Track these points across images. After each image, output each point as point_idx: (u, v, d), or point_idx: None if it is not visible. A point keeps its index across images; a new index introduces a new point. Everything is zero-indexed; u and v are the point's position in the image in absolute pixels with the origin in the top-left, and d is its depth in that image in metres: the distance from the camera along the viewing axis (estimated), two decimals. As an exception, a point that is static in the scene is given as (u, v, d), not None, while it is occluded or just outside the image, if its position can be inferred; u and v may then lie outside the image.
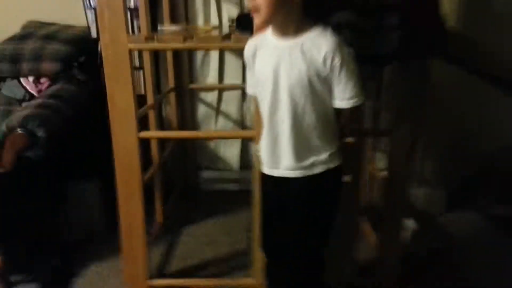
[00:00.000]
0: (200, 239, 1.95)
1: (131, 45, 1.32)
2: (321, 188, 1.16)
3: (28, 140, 1.54)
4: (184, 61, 2.21)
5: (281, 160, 1.13)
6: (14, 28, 2.13)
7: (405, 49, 1.10)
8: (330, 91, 1.07)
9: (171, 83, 2.16)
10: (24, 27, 2.16)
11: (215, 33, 1.72)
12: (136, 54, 1.92)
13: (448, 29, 1.17)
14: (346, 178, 1.43)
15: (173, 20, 2.06)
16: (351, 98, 1.06)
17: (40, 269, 1.68)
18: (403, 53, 1.11)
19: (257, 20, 1.03)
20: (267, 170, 1.19)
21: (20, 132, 1.53)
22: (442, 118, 2.09)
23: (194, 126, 2.32)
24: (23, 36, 2.04)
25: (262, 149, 1.18)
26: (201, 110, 2.32)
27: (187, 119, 2.28)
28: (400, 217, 1.57)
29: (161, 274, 1.68)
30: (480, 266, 1.74)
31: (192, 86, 2.25)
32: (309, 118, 1.08)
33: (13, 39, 2.04)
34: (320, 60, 1.02)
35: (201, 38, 1.43)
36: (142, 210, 1.48)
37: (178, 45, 1.38)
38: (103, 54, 1.35)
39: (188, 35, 1.42)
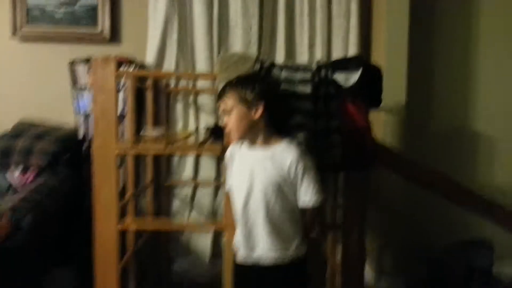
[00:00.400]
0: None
1: (119, 150, 1.53)
2: (292, 275, 1.33)
3: (11, 230, 1.64)
4: (163, 158, 2.41)
5: (257, 246, 1.31)
6: (6, 125, 2.32)
7: (345, 163, 1.36)
8: (295, 192, 1.29)
9: (149, 177, 2.34)
10: (16, 126, 2.34)
11: (192, 138, 1.96)
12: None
13: (379, 146, 1.45)
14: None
15: (156, 123, 2.31)
16: (312, 198, 1.28)
17: None
18: (345, 165, 1.37)
19: (232, 137, 1.30)
20: (242, 259, 1.34)
21: (3, 222, 1.64)
22: (398, 218, 2.32)
23: (169, 216, 2.45)
24: (15, 134, 2.23)
25: (238, 239, 1.35)
26: (176, 203, 2.47)
27: (163, 210, 2.42)
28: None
29: None
30: None
31: (168, 183, 2.43)
32: (279, 212, 1.28)
33: (5, 136, 2.22)
34: (286, 167, 1.26)
35: (179, 146, 1.66)
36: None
37: (160, 150, 1.60)
38: (94, 155, 1.54)
39: (168, 139, 1.65)
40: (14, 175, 2.12)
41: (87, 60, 2.23)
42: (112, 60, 1.47)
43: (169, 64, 2.36)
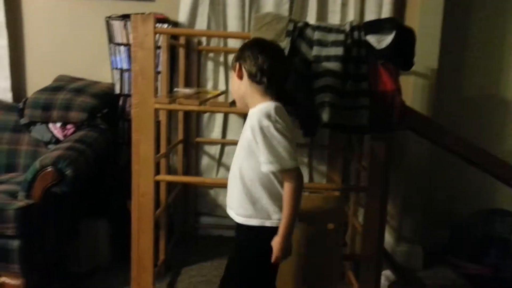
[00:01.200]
0: (198, 279, 2.12)
1: (157, 105, 1.61)
2: (251, 239, 1.31)
3: (57, 177, 1.78)
4: (193, 118, 2.50)
5: (231, 205, 1.35)
6: (47, 81, 2.45)
7: (372, 125, 1.39)
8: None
9: (180, 136, 2.45)
10: (56, 80, 2.47)
11: (222, 98, 2.03)
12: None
13: (407, 109, 1.47)
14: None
15: (187, 84, 2.39)
16: (266, 163, 1.21)
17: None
18: (372, 128, 1.41)
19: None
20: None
21: (50, 169, 1.78)
22: (419, 181, 2.36)
23: (197, 175, 2.57)
24: (55, 88, 2.34)
25: None
26: (205, 161, 2.58)
27: (192, 168, 2.54)
28: (377, 267, 1.78)
29: (162, 307, 1.85)
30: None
31: (198, 139, 2.53)
32: (248, 175, 1.28)
33: (46, 89, 2.33)
34: (251, 131, 1.25)
35: (212, 103, 1.73)
36: (152, 246, 1.69)
37: (194, 107, 1.67)
38: (133, 111, 1.63)
39: (200, 97, 1.72)
40: (56, 127, 2.25)
41: (123, 17, 2.30)
42: (151, 17, 1.52)
43: (201, 23, 2.40)
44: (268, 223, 1.29)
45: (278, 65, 1.28)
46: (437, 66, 2.21)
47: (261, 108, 1.26)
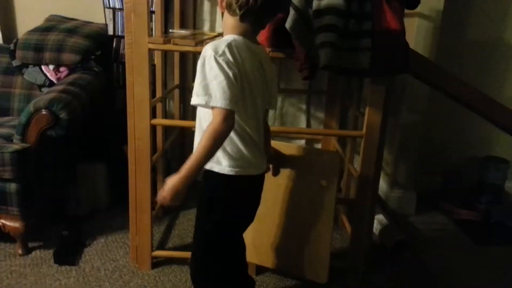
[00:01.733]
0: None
1: (151, 45, 1.55)
2: (209, 184, 1.21)
3: (52, 120, 1.75)
4: (189, 62, 2.44)
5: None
6: (37, 21, 2.35)
7: (374, 68, 1.35)
8: None
9: (176, 80, 2.39)
10: (47, 20, 2.37)
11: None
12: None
13: (410, 51, 1.42)
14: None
15: (182, 25, 2.30)
16: (194, 95, 1.10)
17: (51, 238, 1.88)
18: (373, 71, 1.36)
19: None
20: None
21: (44, 112, 1.75)
22: (415, 128, 2.35)
23: (194, 120, 2.55)
24: (47, 28, 2.25)
25: None
26: (201, 106, 2.55)
27: (188, 114, 2.51)
28: (370, 211, 1.81)
29: (161, 249, 1.89)
30: (441, 260, 1.99)
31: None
32: (203, 113, 1.18)
33: (37, 30, 2.25)
34: None
35: (209, 42, 1.66)
36: (149, 189, 1.70)
37: (190, 48, 1.61)
38: (126, 51, 1.57)
39: (196, 39, 1.65)
40: (49, 70, 2.20)
41: (115, -48, 2.18)
42: None
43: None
44: (216, 169, 1.18)
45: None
46: (442, 7, 2.13)
47: (219, 39, 1.15)
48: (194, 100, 1.10)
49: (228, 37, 1.15)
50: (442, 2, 2.12)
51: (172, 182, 1.11)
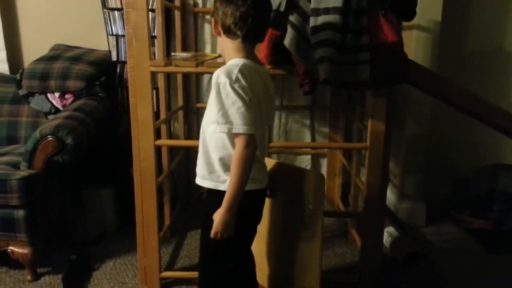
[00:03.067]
0: (203, 241, 2.16)
1: (153, 68, 1.58)
2: (213, 204, 1.20)
3: (58, 146, 1.78)
4: (192, 83, 2.47)
5: (198, 166, 1.27)
6: (43, 50, 2.40)
7: (374, 80, 1.36)
8: None
9: (180, 102, 2.42)
10: (52, 49, 2.43)
11: (221, 60, 1.99)
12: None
13: (409, 62, 1.43)
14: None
15: (184, 48, 2.34)
16: (214, 123, 1.12)
17: (60, 263, 1.88)
18: (373, 83, 1.37)
19: None
20: None
21: (50, 138, 1.77)
22: (422, 138, 2.35)
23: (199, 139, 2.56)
24: (52, 57, 2.31)
25: None
26: (206, 127, 2.57)
27: (193, 134, 2.53)
28: (379, 224, 1.79)
29: (170, 270, 1.88)
30: (454, 270, 1.96)
31: (198, 105, 2.51)
32: (208, 135, 1.20)
33: (43, 59, 2.30)
34: (212, 86, 1.15)
35: (210, 63, 1.69)
36: (156, 210, 1.70)
37: (191, 69, 1.64)
38: (129, 75, 1.60)
39: (197, 60, 1.68)
40: (55, 97, 2.23)
41: (116, -19, 2.24)
42: (142, -24, 1.47)
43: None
44: (222, 187, 1.19)
45: (253, 14, 1.13)
46: (440, 18, 2.15)
47: (227, 64, 1.16)
48: (216, 129, 1.13)
49: (237, 61, 1.16)
50: (440, 13, 2.14)
51: (219, 216, 1.16)
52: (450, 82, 1.69)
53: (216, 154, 1.20)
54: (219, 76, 1.12)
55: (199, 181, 1.27)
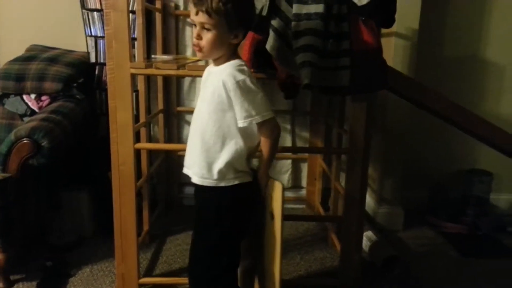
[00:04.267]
0: (183, 247, 2.12)
1: (133, 70, 1.56)
2: (213, 201, 1.26)
3: (33, 148, 1.73)
4: (173, 87, 2.45)
5: (192, 165, 1.29)
6: (19, 51, 2.34)
7: (354, 86, 1.38)
8: (232, 112, 1.21)
9: (160, 105, 2.40)
10: (28, 49, 2.37)
11: (202, 63, 1.98)
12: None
13: (388, 69, 1.46)
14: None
15: (165, 51, 2.33)
16: (246, 117, 1.19)
17: (35, 269, 1.83)
18: (353, 88, 1.39)
19: (200, 54, 1.22)
20: (185, 168, 1.35)
21: (26, 141, 1.73)
22: (399, 144, 2.39)
23: (180, 143, 2.54)
24: (28, 57, 2.25)
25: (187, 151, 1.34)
26: (186, 130, 2.55)
27: (173, 138, 2.51)
28: (359, 228, 1.80)
29: (149, 276, 1.85)
30: (431, 273, 1.99)
31: (179, 109, 2.49)
32: (210, 133, 1.23)
33: (18, 60, 2.24)
34: (221, 85, 1.19)
35: (191, 66, 1.68)
36: (134, 215, 1.67)
37: (172, 71, 1.62)
38: (108, 77, 1.57)
39: (179, 63, 1.67)
40: (31, 99, 2.18)
41: (95, -19, 2.21)
42: (123, -24, 1.45)
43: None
44: (223, 183, 1.25)
45: (253, 17, 1.24)
46: (418, 26, 2.20)
47: (232, 64, 1.21)
48: (250, 121, 1.20)
49: (238, 62, 1.23)
50: (418, 20, 2.19)
51: (266, 177, 1.32)
52: (427, 89, 1.73)
53: (222, 149, 1.23)
54: (236, 75, 1.18)
55: (198, 180, 1.28)
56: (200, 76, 2.15)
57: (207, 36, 1.17)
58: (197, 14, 1.16)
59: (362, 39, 1.35)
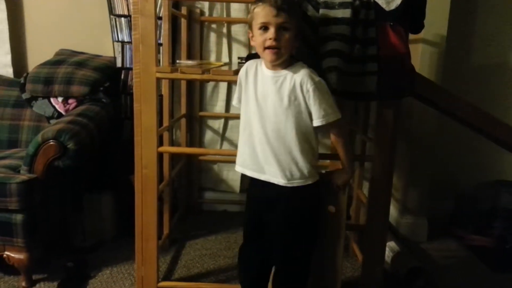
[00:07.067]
0: (202, 252, 2.13)
1: (158, 74, 1.58)
2: (302, 202, 1.33)
3: (59, 150, 1.76)
4: (196, 91, 2.47)
5: (267, 168, 1.31)
6: (48, 55, 2.40)
7: (381, 91, 1.36)
8: (307, 112, 1.28)
9: (183, 110, 2.42)
10: (57, 54, 2.43)
11: (226, 68, 2.00)
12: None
13: (416, 75, 1.43)
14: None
15: (189, 57, 2.35)
16: (324, 116, 1.26)
17: (56, 269, 1.85)
18: (380, 94, 1.37)
19: (275, 56, 1.24)
20: (250, 172, 1.36)
21: (52, 142, 1.76)
22: (425, 153, 2.33)
23: (201, 147, 2.56)
24: (56, 61, 2.31)
25: (244, 155, 1.36)
26: (208, 135, 2.56)
27: (195, 143, 2.52)
28: (382, 238, 1.76)
29: (167, 280, 1.85)
30: (456, 286, 1.93)
31: (202, 113, 2.50)
32: (290, 134, 1.27)
33: (47, 64, 2.30)
34: (298, 86, 1.25)
35: (215, 71, 1.69)
36: (156, 218, 1.67)
37: (197, 76, 1.63)
38: (134, 81, 1.59)
39: (203, 68, 1.68)
40: (58, 102, 2.23)
41: (124, -13, 2.25)
42: (151, -18, 1.47)
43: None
44: (309, 181, 1.32)
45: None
46: (446, 33, 2.16)
47: (302, 66, 1.28)
48: (328, 119, 1.27)
49: (304, 64, 1.30)
50: (446, 27, 2.15)
51: (345, 181, 1.42)
52: (454, 96, 1.68)
53: (303, 149, 1.29)
54: (312, 77, 1.26)
55: (285, 183, 1.30)
56: (224, 80, 2.17)
57: (286, 36, 1.22)
58: (277, 15, 1.20)
59: (389, 44, 1.33)
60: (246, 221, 1.47)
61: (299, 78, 1.25)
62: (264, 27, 1.22)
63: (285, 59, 1.27)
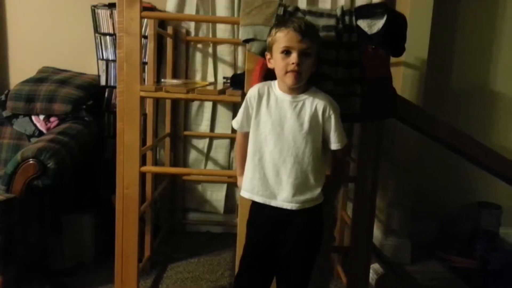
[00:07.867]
0: (184, 275, 2.07)
1: (143, 93, 1.57)
2: (313, 221, 1.35)
3: (39, 169, 1.72)
4: (181, 111, 2.46)
5: (279, 193, 1.30)
6: (30, 72, 2.37)
7: (364, 113, 1.38)
8: (322, 136, 1.31)
9: (167, 129, 2.40)
10: (40, 71, 2.40)
11: (211, 87, 2.00)
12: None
13: (398, 97, 1.46)
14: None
15: (175, 76, 2.35)
16: (341, 141, 1.32)
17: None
18: (363, 115, 1.39)
19: (296, 80, 1.24)
20: (259, 199, 1.33)
21: (32, 161, 1.72)
22: (408, 174, 2.35)
23: (186, 167, 2.53)
24: (39, 79, 2.27)
25: (254, 180, 1.32)
26: (193, 155, 2.54)
27: (179, 163, 2.49)
28: (366, 259, 1.75)
29: (147, 303, 1.81)
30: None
31: (186, 133, 2.49)
32: (308, 158, 1.28)
33: (30, 81, 2.26)
34: (320, 112, 1.27)
35: (200, 90, 1.69)
36: (137, 239, 1.64)
37: (181, 95, 1.63)
38: (118, 99, 1.58)
39: (188, 87, 1.68)
40: (39, 120, 2.19)
41: (109, 5, 2.25)
42: (137, 1, 1.48)
43: (189, 12, 2.37)
44: (318, 201, 1.34)
45: None
46: (427, 56, 2.21)
47: (317, 90, 1.31)
48: (343, 144, 1.33)
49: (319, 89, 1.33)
50: (426, 51, 2.21)
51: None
52: (436, 118, 1.71)
53: (316, 171, 1.31)
54: (333, 102, 1.30)
55: (297, 207, 1.31)
56: (209, 100, 2.16)
57: (307, 62, 1.24)
58: (301, 40, 1.21)
59: (372, 67, 1.36)
60: (253, 245, 1.39)
61: (321, 104, 1.28)
62: (286, 51, 1.23)
63: (303, 83, 1.28)
